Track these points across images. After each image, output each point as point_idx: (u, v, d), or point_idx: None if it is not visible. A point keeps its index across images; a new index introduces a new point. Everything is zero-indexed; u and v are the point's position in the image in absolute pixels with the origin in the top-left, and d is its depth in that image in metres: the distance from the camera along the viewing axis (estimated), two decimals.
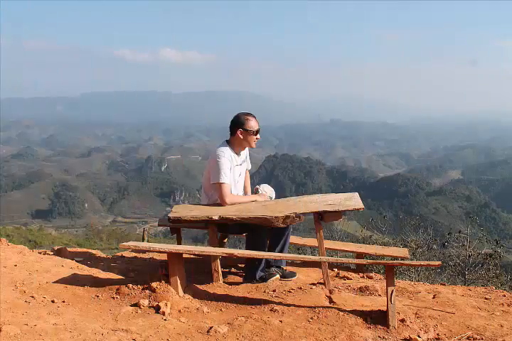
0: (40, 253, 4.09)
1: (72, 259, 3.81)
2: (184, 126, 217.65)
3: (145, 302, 2.70)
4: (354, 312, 2.76)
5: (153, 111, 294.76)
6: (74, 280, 3.05)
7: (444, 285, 3.96)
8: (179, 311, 2.69)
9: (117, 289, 2.87)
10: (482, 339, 2.52)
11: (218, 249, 3.05)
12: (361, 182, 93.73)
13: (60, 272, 3.22)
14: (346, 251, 4.66)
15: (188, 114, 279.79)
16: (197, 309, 2.75)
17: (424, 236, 7.32)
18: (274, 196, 3.85)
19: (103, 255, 4.53)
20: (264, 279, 3.39)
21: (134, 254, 4.51)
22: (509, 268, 8.32)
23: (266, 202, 3.59)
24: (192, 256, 4.17)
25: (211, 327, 2.46)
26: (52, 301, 2.64)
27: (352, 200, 3.47)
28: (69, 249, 4.45)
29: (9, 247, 3.86)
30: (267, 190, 3.81)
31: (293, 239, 4.37)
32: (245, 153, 3.80)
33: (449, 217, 72.68)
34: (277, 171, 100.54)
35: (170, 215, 3.35)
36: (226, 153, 3.52)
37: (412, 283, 3.83)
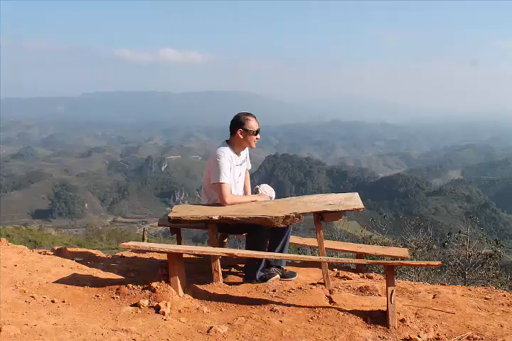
0: (40, 253, 4.09)
1: (72, 259, 3.80)
2: (184, 126, 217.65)
3: (145, 302, 2.70)
4: (354, 312, 2.76)
5: (153, 111, 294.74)
6: (74, 280, 3.05)
7: (444, 285, 3.96)
8: (179, 311, 2.69)
9: (117, 289, 2.87)
10: (482, 339, 2.52)
11: (218, 249, 3.04)
12: (361, 182, 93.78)
13: (60, 272, 3.22)
14: (346, 251, 4.65)
15: (188, 114, 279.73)
16: (197, 309, 2.75)
17: (424, 236, 7.32)
18: (274, 196, 3.84)
19: (103, 255, 4.53)
20: (264, 279, 3.39)
21: (134, 254, 4.51)
22: (509, 268, 8.31)
23: (266, 202, 3.59)
24: (192, 256, 4.17)
25: (211, 327, 2.46)
26: (52, 301, 2.64)
27: (352, 200, 3.47)
28: (69, 249, 4.45)
29: (9, 247, 3.86)
30: (267, 190, 3.81)
31: (293, 239, 4.37)
32: (245, 153, 3.80)
33: (449, 217, 72.69)
34: (277, 171, 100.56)
35: (170, 215, 3.35)
36: (226, 153, 3.52)
37: (412, 283, 3.83)
